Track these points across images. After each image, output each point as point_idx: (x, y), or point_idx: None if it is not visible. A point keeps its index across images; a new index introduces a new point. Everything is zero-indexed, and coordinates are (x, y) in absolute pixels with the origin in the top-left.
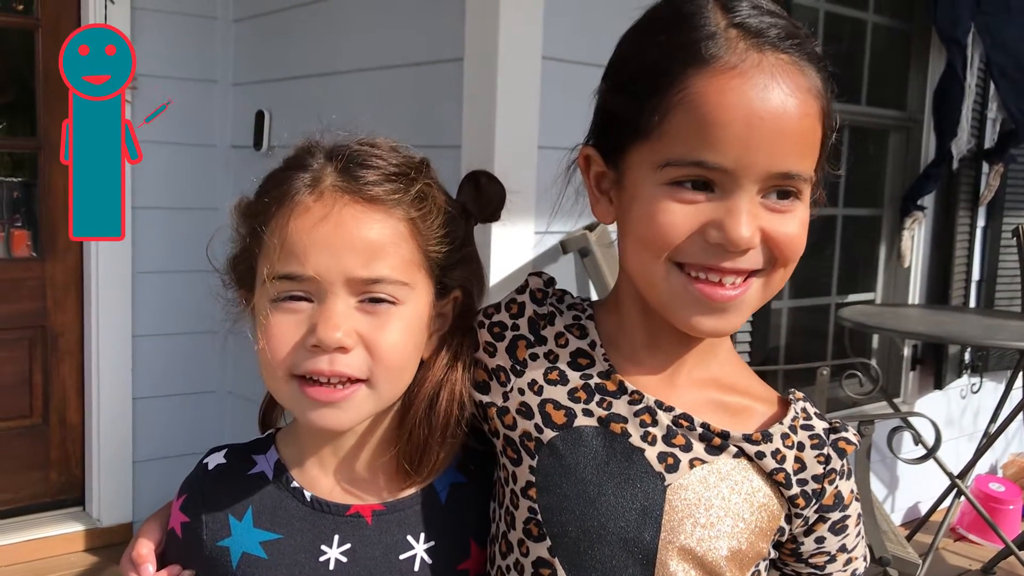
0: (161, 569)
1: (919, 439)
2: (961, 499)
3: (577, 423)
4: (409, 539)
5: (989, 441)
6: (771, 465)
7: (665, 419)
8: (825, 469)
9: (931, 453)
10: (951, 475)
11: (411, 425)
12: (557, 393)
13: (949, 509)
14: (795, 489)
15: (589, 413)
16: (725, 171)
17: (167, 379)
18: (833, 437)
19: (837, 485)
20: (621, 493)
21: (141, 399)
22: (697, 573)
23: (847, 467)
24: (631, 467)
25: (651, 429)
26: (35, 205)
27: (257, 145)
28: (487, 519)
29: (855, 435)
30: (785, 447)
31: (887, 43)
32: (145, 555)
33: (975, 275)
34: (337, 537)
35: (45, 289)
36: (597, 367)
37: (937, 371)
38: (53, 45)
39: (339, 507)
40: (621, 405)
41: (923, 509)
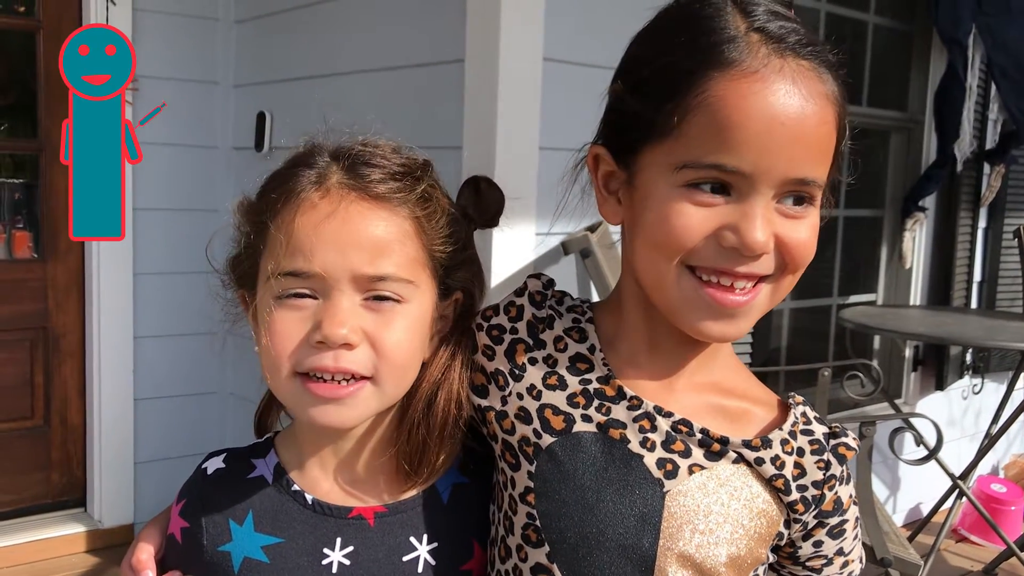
0: (161, 574)
1: (921, 440)
2: (963, 500)
3: (576, 429)
4: (412, 540)
5: (991, 442)
6: (770, 471)
7: (664, 425)
8: (825, 475)
9: (933, 454)
10: (953, 476)
11: (409, 425)
12: (556, 398)
13: (951, 510)
14: (794, 495)
15: (588, 419)
16: (743, 175)
17: (168, 380)
18: (833, 443)
19: (837, 491)
20: (620, 499)
21: (142, 400)
22: None
23: (847, 472)
24: (630, 473)
25: (650, 435)
26: (36, 206)
27: (258, 147)
28: (489, 519)
29: (855, 440)
30: (785, 453)
31: (888, 44)
32: (145, 560)
33: (976, 276)
34: (340, 540)
35: (46, 290)
36: (596, 372)
37: (939, 372)
38: (54, 47)
39: (341, 509)
40: (620, 411)
41: (925, 510)
